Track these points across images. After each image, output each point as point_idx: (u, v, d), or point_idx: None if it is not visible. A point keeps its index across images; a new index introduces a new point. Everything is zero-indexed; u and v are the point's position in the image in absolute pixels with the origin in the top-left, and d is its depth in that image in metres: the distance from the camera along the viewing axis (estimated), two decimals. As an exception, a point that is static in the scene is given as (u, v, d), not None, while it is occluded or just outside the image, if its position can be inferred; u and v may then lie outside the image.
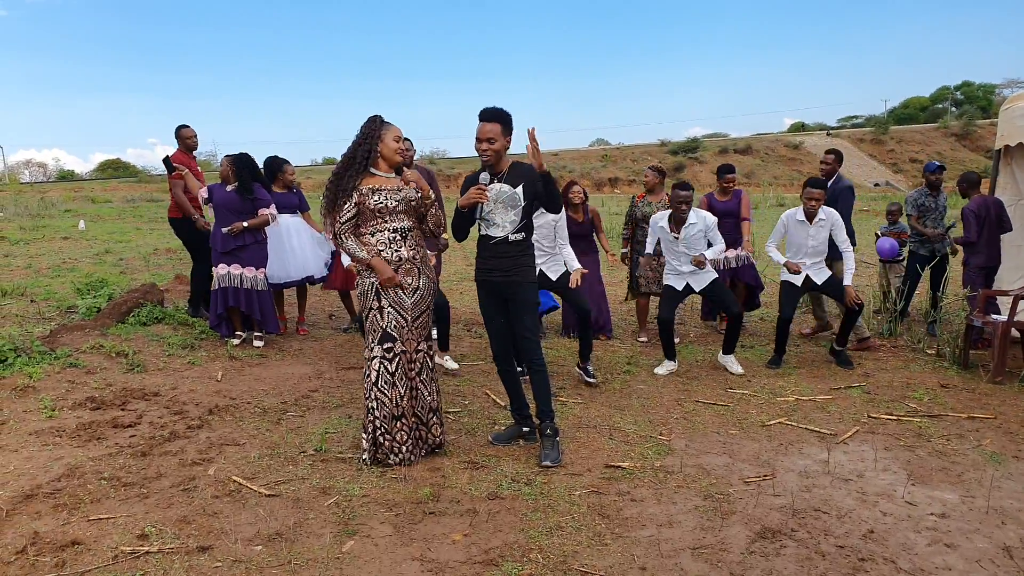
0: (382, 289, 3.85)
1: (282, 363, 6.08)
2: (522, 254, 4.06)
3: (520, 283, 4.04)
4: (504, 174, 4.00)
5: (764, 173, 52.71)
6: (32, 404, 4.73)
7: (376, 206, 3.84)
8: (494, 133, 3.87)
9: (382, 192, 3.86)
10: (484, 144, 3.89)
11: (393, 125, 3.96)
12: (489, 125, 3.88)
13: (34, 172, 61.15)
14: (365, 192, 3.84)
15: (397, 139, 3.93)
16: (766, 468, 3.92)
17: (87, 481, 3.70)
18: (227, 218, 6.26)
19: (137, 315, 6.76)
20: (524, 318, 4.04)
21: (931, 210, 7.13)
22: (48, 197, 29.97)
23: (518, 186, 3.97)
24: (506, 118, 3.91)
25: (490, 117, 3.88)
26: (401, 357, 3.90)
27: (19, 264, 11.45)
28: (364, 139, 3.90)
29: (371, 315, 3.88)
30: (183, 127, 7.16)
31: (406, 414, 3.92)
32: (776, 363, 5.96)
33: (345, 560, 2.99)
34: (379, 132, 3.90)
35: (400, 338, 3.89)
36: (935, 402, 5.05)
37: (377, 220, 3.88)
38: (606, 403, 5.03)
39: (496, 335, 4.20)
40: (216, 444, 4.23)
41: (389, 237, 3.88)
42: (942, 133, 65.10)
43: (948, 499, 3.56)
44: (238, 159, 6.34)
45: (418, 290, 3.94)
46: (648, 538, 3.17)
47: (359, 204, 3.85)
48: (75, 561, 2.97)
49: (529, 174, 3.95)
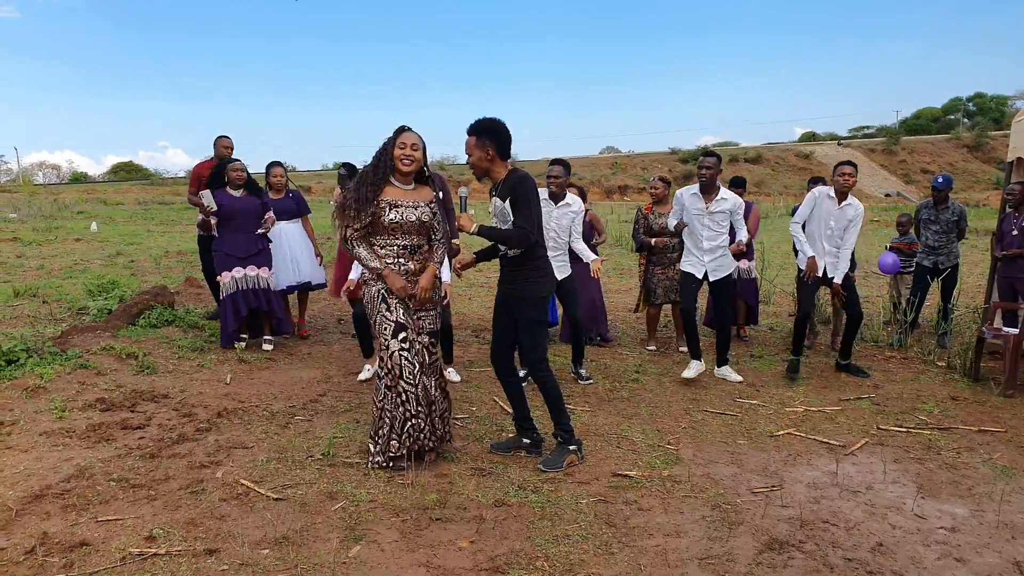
0: (388, 295, 3.86)
1: (291, 367, 6.10)
2: (521, 268, 3.96)
3: (520, 299, 3.97)
4: (499, 185, 3.94)
5: (775, 182, 52.61)
6: (43, 404, 4.76)
7: (391, 224, 3.83)
8: (468, 146, 3.87)
9: (399, 209, 3.83)
10: (468, 158, 3.91)
11: (410, 133, 3.88)
12: (467, 139, 3.87)
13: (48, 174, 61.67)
14: (383, 205, 3.82)
15: (403, 144, 3.84)
16: (774, 479, 3.90)
17: (96, 482, 3.71)
18: (242, 223, 6.31)
19: (148, 317, 6.81)
20: (525, 336, 3.99)
21: (932, 222, 7.13)
22: (61, 199, 30.24)
23: (507, 200, 3.87)
24: (480, 128, 3.83)
25: (468, 131, 3.86)
26: (417, 344, 3.91)
27: (32, 265, 11.54)
28: (384, 149, 3.88)
29: (378, 317, 3.87)
30: (221, 137, 7.13)
31: (435, 402, 3.98)
32: (795, 369, 5.85)
33: (351, 565, 2.99)
34: (394, 140, 3.87)
35: (408, 326, 3.90)
36: (945, 414, 5.02)
37: (388, 235, 3.87)
38: (614, 411, 5.02)
39: (495, 336, 4.20)
40: (224, 447, 4.24)
41: (398, 251, 3.88)
42: (954, 144, 64.88)
43: (958, 513, 3.53)
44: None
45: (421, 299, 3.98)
46: (655, 547, 3.16)
47: (374, 215, 3.83)
48: (83, 562, 2.98)
49: (514, 191, 3.82)
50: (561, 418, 4.05)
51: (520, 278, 3.97)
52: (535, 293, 3.95)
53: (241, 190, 6.37)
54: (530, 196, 3.82)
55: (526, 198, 3.80)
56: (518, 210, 3.81)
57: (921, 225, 7.32)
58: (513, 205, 3.83)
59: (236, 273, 6.30)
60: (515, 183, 3.83)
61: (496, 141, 3.84)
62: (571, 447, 4.05)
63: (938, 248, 7.14)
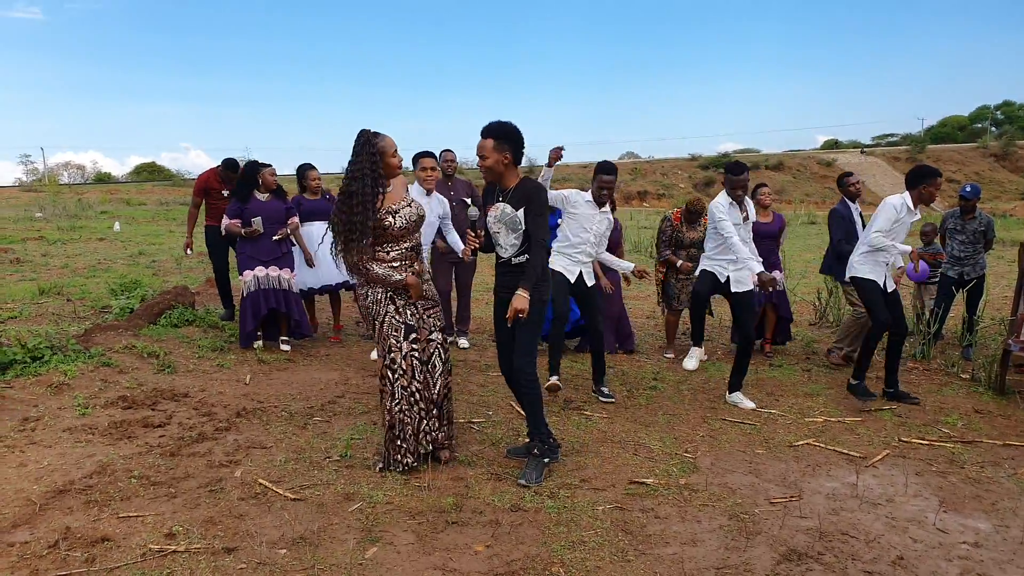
0: (396, 295, 3.85)
1: (309, 368, 6.14)
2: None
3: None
4: (510, 192, 3.89)
5: (796, 190, 52.15)
6: (66, 401, 4.83)
7: (399, 231, 3.80)
8: (485, 149, 3.80)
9: (399, 215, 3.80)
10: (479, 160, 3.87)
11: (385, 137, 3.78)
12: (482, 141, 3.82)
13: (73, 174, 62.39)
14: (382, 215, 3.76)
15: (394, 153, 3.79)
16: (793, 489, 3.86)
17: (117, 479, 3.76)
18: (268, 227, 6.40)
19: (169, 317, 6.87)
20: (521, 334, 3.90)
21: (959, 232, 7.04)
22: (85, 199, 30.61)
23: (520, 208, 3.82)
24: (500, 132, 3.79)
25: (483, 132, 3.81)
26: (427, 345, 3.94)
27: (56, 264, 11.70)
28: (370, 167, 3.68)
29: (387, 319, 3.84)
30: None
31: (435, 400, 4.00)
32: (862, 387, 5.47)
33: (367, 566, 3.00)
34: (378, 153, 3.72)
35: (417, 327, 3.91)
36: (969, 428, 4.95)
37: (397, 241, 3.85)
38: (631, 419, 5.00)
39: (501, 350, 4.17)
40: (243, 447, 4.27)
41: (405, 254, 3.87)
42: (980, 153, 63.94)
43: (981, 528, 3.48)
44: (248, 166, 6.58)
45: (431, 298, 4.02)
46: (671, 556, 3.15)
47: (375, 228, 3.76)
48: (105, 557, 3.02)
49: (529, 200, 3.79)
50: (540, 428, 3.97)
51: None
52: (538, 297, 3.85)
53: (267, 194, 6.46)
54: (545, 207, 3.85)
55: (542, 208, 3.81)
56: (534, 219, 3.78)
57: (947, 235, 7.22)
58: (528, 214, 3.80)
59: (258, 272, 6.37)
60: (532, 192, 3.81)
61: (513, 146, 3.83)
62: (546, 460, 3.95)
63: (964, 259, 7.05)
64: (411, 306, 3.90)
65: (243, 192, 6.43)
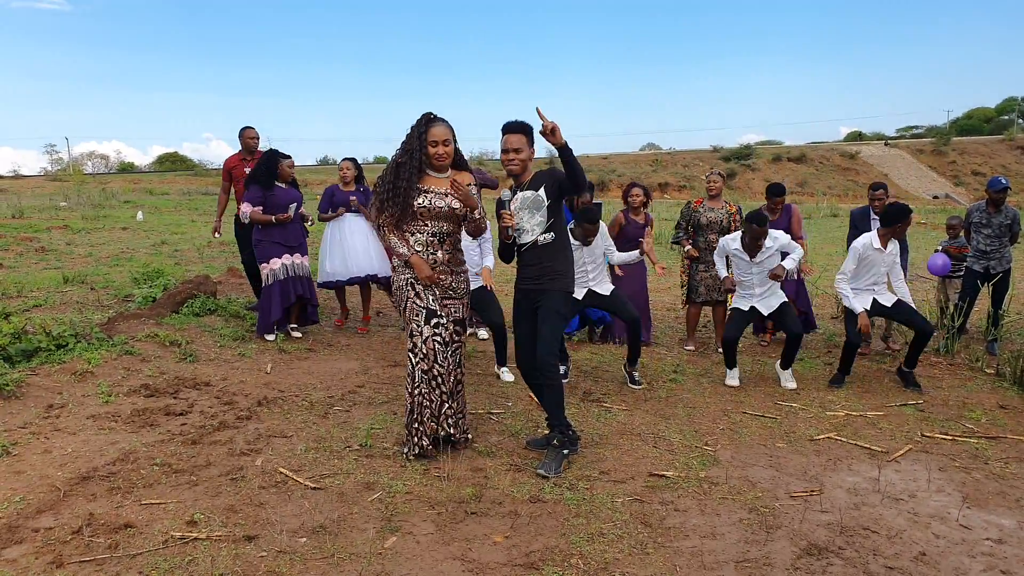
0: (416, 282, 3.92)
1: (330, 358, 6.17)
2: (552, 259, 3.97)
3: (548, 291, 3.96)
4: (527, 183, 4.02)
5: (818, 183, 51.55)
6: (90, 389, 4.89)
7: (419, 208, 3.87)
8: (520, 143, 3.92)
9: (428, 195, 3.88)
10: (511, 154, 3.92)
11: (438, 125, 3.87)
12: (515, 136, 3.91)
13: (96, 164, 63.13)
14: (414, 192, 3.88)
15: (435, 143, 3.85)
16: (814, 483, 3.83)
17: (140, 466, 3.80)
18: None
19: (191, 306, 6.94)
20: (544, 326, 3.93)
21: (984, 226, 6.92)
22: (109, 188, 30.96)
23: (540, 188, 3.97)
24: (529, 129, 3.94)
25: (515, 129, 3.92)
26: (447, 329, 3.98)
27: (81, 253, 11.85)
28: (415, 140, 3.88)
29: (408, 304, 3.92)
30: (246, 128, 7.26)
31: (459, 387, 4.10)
32: (839, 382, 5.71)
33: (387, 556, 3.02)
34: (425, 134, 3.88)
35: (439, 312, 3.95)
36: (993, 423, 4.88)
37: (418, 221, 3.92)
38: (651, 411, 4.98)
39: (522, 344, 4.15)
40: (264, 435, 4.31)
41: (428, 239, 3.92)
42: (1007, 145, 62.82)
43: (1005, 524, 3.43)
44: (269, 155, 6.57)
45: (452, 289, 4.01)
46: (691, 549, 3.13)
47: (405, 202, 3.88)
48: (127, 544, 3.06)
49: (550, 175, 3.97)
50: (561, 421, 3.98)
51: (550, 270, 3.98)
52: (560, 285, 3.97)
53: (284, 184, 6.56)
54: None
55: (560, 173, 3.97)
56: (559, 184, 3.93)
57: (972, 228, 7.11)
58: (548, 180, 3.96)
59: (285, 260, 6.45)
60: (548, 171, 4.02)
61: (534, 145, 4.00)
62: (565, 451, 3.97)
63: (990, 252, 6.94)
64: (431, 291, 3.92)
65: (267, 179, 6.44)
